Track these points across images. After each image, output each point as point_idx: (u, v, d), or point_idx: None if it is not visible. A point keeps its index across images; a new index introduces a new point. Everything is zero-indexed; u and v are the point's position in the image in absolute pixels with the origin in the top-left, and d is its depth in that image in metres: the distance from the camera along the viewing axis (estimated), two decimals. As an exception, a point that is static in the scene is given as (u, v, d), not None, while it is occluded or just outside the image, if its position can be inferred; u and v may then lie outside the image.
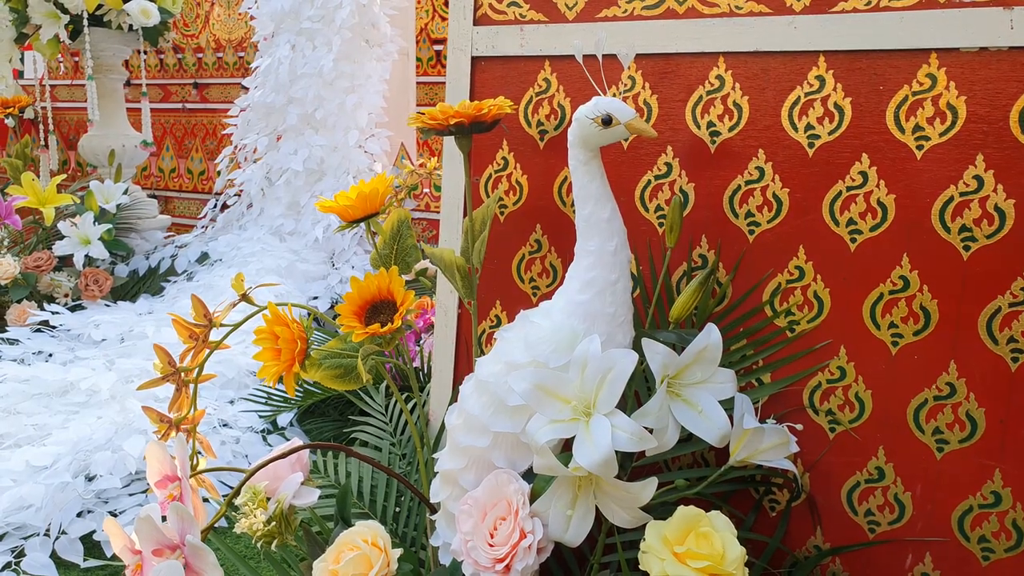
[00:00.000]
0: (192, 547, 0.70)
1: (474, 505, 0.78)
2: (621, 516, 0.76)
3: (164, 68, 5.34)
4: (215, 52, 5.09)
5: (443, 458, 0.86)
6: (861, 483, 0.91)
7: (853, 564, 0.93)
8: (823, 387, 0.92)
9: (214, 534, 1.08)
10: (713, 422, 0.77)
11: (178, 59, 5.16)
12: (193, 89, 5.13)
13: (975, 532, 0.86)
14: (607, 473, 0.69)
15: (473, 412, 0.83)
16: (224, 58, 5.16)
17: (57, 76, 5.51)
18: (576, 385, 0.72)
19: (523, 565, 0.74)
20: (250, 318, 0.93)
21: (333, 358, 0.91)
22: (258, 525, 0.85)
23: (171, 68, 5.28)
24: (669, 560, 0.68)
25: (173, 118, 4.98)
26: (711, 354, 0.78)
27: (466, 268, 0.93)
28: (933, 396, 0.87)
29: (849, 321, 0.90)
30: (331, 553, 0.83)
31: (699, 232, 0.97)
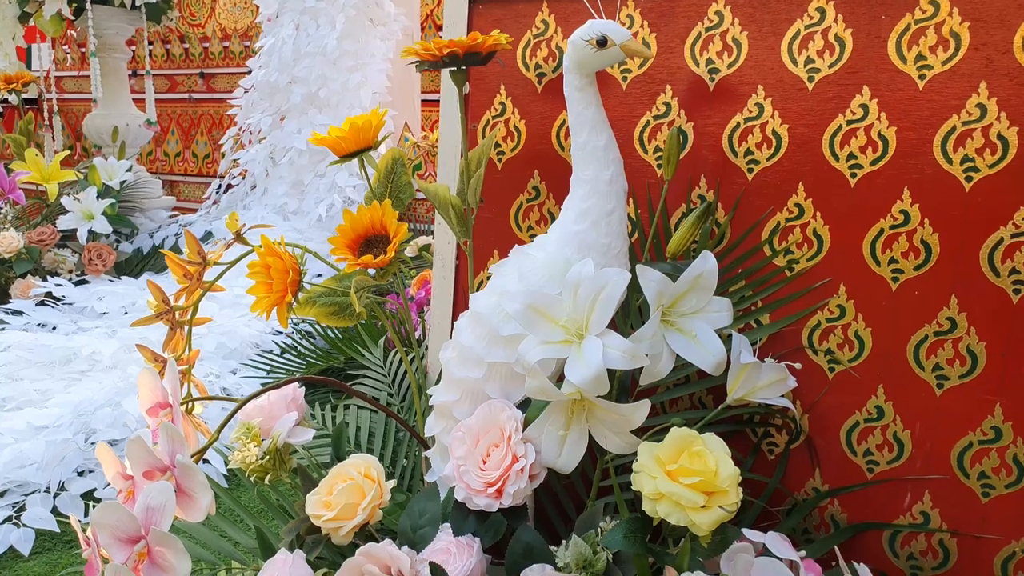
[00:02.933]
0: (182, 467, 0.70)
1: (467, 432, 0.77)
2: (614, 442, 0.75)
3: (170, 58, 5.36)
4: (221, 41, 5.10)
5: (437, 392, 0.86)
6: (860, 423, 0.90)
7: (851, 505, 0.92)
8: (822, 326, 0.91)
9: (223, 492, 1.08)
10: (708, 350, 0.76)
11: (184, 49, 5.18)
12: (199, 79, 5.14)
13: (975, 468, 0.85)
14: (598, 390, 0.68)
15: (467, 344, 0.82)
16: (230, 47, 5.17)
17: (64, 67, 5.54)
18: (568, 307, 0.72)
19: (515, 488, 0.73)
20: (245, 256, 0.92)
21: (328, 295, 0.90)
22: (251, 458, 0.84)
23: (177, 58, 5.29)
24: (661, 478, 0.67)
25: (180, 108, 5.00)
26: (707, 281, 0.77)
27: (461, 208, 0.93)
28: (933, 332, 0.86)
29: (849, 258, 0.89)
30: (324, 485, 0.83)
31: (698, 172, 0.96)
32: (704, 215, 0.87)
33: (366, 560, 0.64)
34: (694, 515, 0.66)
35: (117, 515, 0.70)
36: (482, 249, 1.11)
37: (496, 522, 0.78)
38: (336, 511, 0.78)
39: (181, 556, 0.69)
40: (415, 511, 0.69)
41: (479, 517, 0.76)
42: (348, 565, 0.65)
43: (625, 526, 0.71)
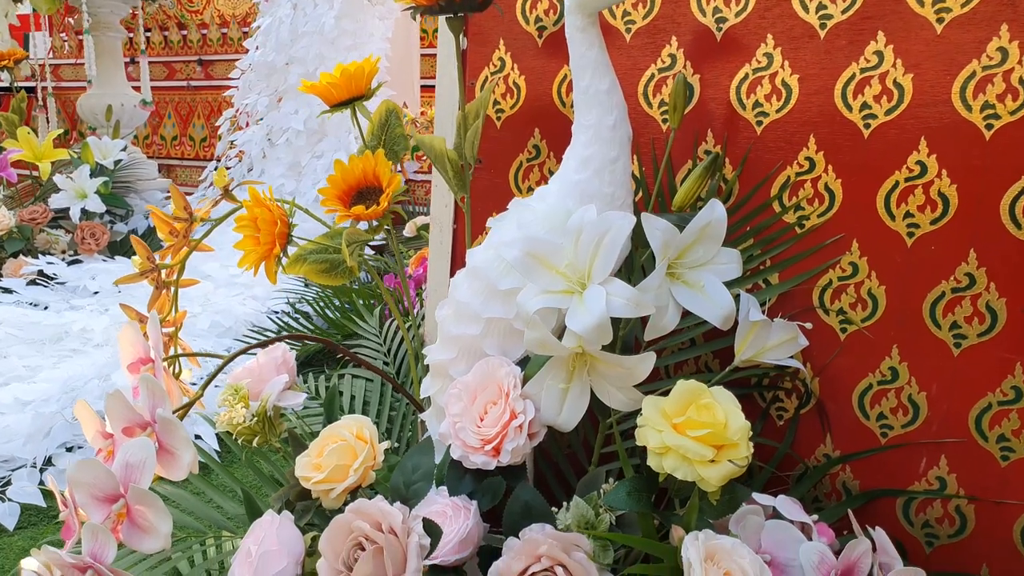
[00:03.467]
0: (163, 421, 0.66)
1: (463, 389, 0.74)
2: (617, 398, 0.71)
3: (168, 45, 5.31)
4: (219, 28, 5.06)
5: (433, 350, 0.82)
6: (873, 385, 0.87)
7: (864, 471, 0.88)
8: (834, 285, 0.88)
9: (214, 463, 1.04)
10: (716, 302, 0.73)
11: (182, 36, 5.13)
12: (198, 66, 5.09)
13: (994, 431, 0.82)
14: (600, 340, 0.65)
15: (463, 299, 0.78)
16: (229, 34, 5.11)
17: (61, 55, 5.49)
18: (570, 254, 0.68)
19: (513, 446, 0.70)
20: (233, 212, 0.89)
21: (319, 252, 0.87)
22: (238, 419, 0.81)
23: (175, 45, 5.24)
24: (667, 431, 0.63)
25: (178, 96, 4.95)
26: (715, 231, 0.74)
27: (458, 162, 0.89)
28: (951, 288, 0.82)
29: (862, 213, 0.85)
30: (314, 447, 0.79)
31: (704, 127, 0.92)
32: (711, 167, 0.84)
33: (355, 517, 0.61)
34: (702, 469, 0.62)
35: (95, 472, 0.67)
36: (480, 212, 1.07)
37: (494, 484, 0.75)
38: (326, 473, 0.75)
39: (161, 515, 0.66)
40: (408, 466, 0.66)
41: (476, 476, 0.72)
42: (336, 523, 0.61)
43: (629, 484, 0.67)
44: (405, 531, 0.59)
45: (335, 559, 0.60)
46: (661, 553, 0.62)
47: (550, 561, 0.62)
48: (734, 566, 0.60)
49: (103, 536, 0.66)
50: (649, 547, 0.61)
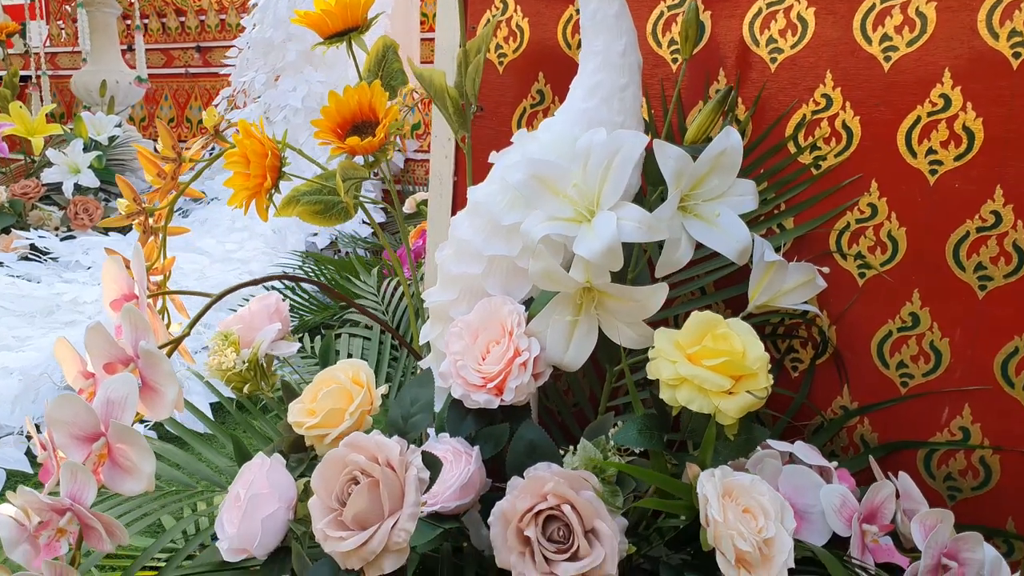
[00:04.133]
0: (146, 354, 0.63)
1: (465, 328, 0.70)
2: (627, 334, 0.67)
3: (166, 32, 5.25)
4: (218, 14, 5.00)
5: (433, 292, 0.78)
6: (893, 332, 0.83)
7: (883, 423, 0.84)
8: (852, 228, 0.84)
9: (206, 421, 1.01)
10: (732, 235, 0.69)
11: (180, 22, 5.07)
12: (196, 53, 5.04)
13: (1020, 377, 0.78)
14: (610, 265, 0.61)
15: (465, 237, 0.75)
16: (227, 20, 5.06)
17: (59, 43, 5.44)
18: (579, 179, 0.64)
19: (517, 383, 0.66)
20: (221, 154, 0.85)
21: (313, 193, 0.83)
22: (227, 363, 0.77)
23: (173, 32, 5.19)
24: (681, 362, 0.59)
25: (176, 83, 4.90)
26: (730, 159, 0.70)
27: (459, 101, 0.85)
28: (976, 228, 0.78)
29: (882, 151, 0.81)
30: (308, 392, 0.75)
31: (716, 65, 0.89)
32: (723, 103, 0.80)
33: (350, 451, 0.57)
34: (719, 401, 0.58)
35: (74, 409, 0.63)
36: (482, 162, 1.02)
37: (497, 431, 0.71)
38: (320, 417, 0.71)
39: (144, 455, 0.62)
40: (406, 399, 0.62)
41: (478, 417, 0.68)
42: (330, 457, 0.57)
43: (640, 422, 0.64)
44: (403, 464, 0.56)
45: (328, 496, 0.56)
46: (676, 490, 0.58)
47: (556, 499, 0.58)
48: (753, 503, 0.57)
49: (82, 476, 0.62)
50: (663, 482, 0.58)
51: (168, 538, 0.72)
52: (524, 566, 0.59)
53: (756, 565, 0.55)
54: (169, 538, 0.72)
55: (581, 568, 0.57)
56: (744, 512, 0.56)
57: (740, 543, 0.54)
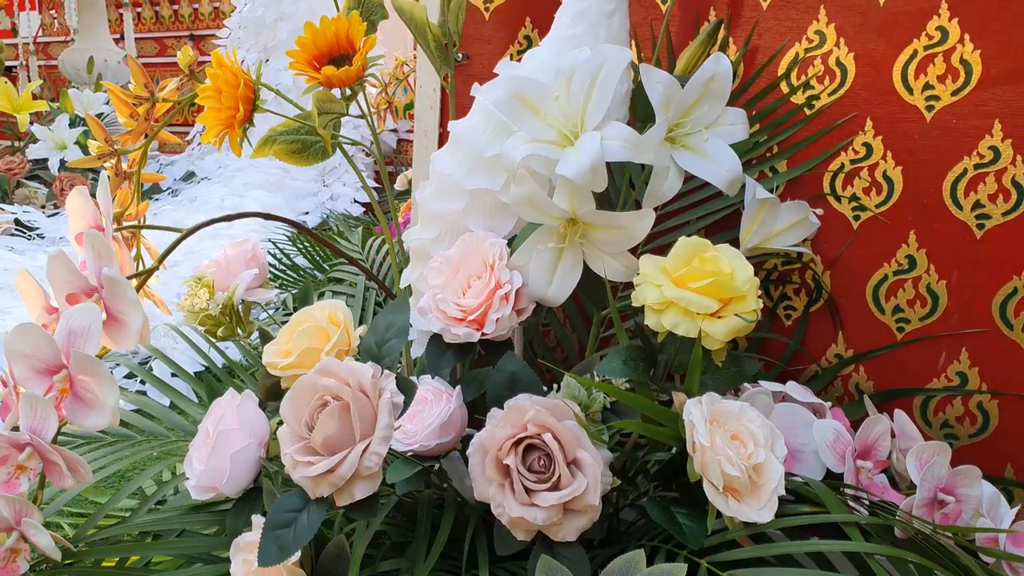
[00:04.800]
0: (110, 282, 0.60)
1: (445, 262, 0.67)
2: (612, 267, 0.65)
3: (159, 21, 5.22)
4: (211, 2, 4.96)
5: (412, 232, 0.76)
6: (889, 276, 0.81)
7: (879, 370, 0.82)
8: (846, 169, 0.81)
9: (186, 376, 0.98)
10: (721, 164, 0.66)
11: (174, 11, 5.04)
12: (189, 41, 5.00)
13: (1019, 318, 0.76)
14: (593, 184, 0.58)
15: (446, 171, 0.72)
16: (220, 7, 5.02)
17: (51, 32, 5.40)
18: (562, 100, 0.61)
19: (498, 316, 0.63)
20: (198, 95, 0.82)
21: (290, 133, 0.80)
22: (200, 304, 0.74)
23: (166, 20, 5.15)
24: (667, 285, 0.57)
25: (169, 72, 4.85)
26: (720, 86, 0.67)
27: (441, 39, 0.82)
28: (974, 165, 0.76)
29: (877, 87, 0.79)
30: (283, 334, 0.73)
31: (707, 5, 0.86)
32: (713, 35, 0.77)
33: (320, 376, 0.54)
34: (706, 324, 0.56)
35: (35, 340, 0.60)
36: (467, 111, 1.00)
37: (480, 374, 0.68)
38: (295, 357, 0.68)
39: (107, 386, 0.59)
40: (380, 326, 0.60)
41: (458, 352, 0.66)
42: (299, 383, 0.55)
43: (625, 352, 0.61)
44: (376, 388, 0.53)
45: (297, 423, 0.54)
46: (662, 417, 0.56)
47: (537, 428, 0.56)
48: (742, 429, 0.54)
49: (43, 408, 0.59)
50: (648, 408, 0.55)
51: (137, 484, 0.70)
52: (503, 497, 0.56)
53: (745, 493, 0.53)
54: (139, 484, 0.70)
55: (562, 497, 0.54)
56: (732, 439, 0.54)
57: (728, 468, 0.52)
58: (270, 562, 0.53)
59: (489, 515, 0.62)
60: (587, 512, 0.56)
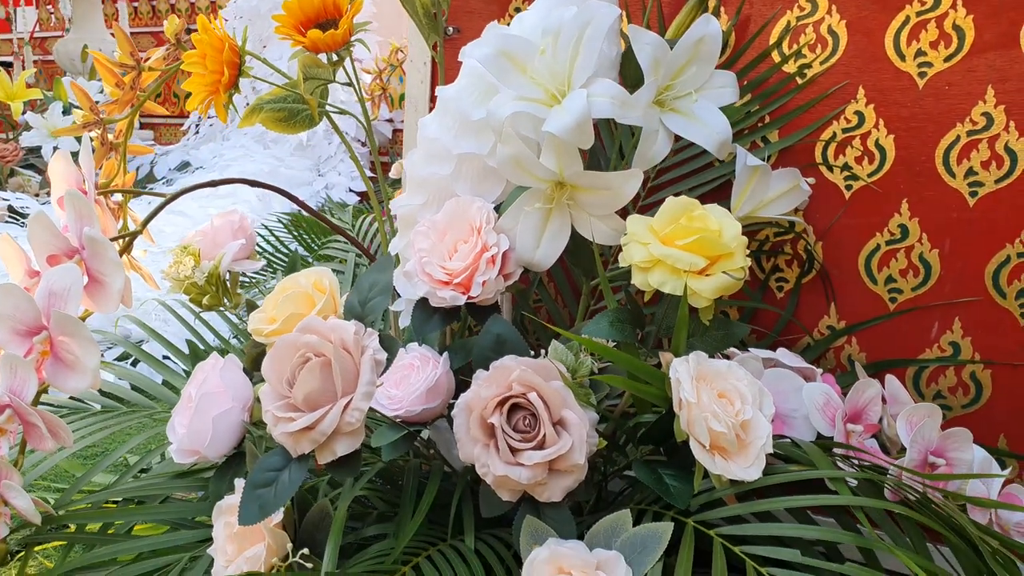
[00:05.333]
0: (90, 241, 0.59)
1: (432, 227, 0.67)
2: (600, 230, 0.64)
3: (156, 15, 5.20)
4: (208, -5, 4.94)
5: (400, 199, 0.75)
6: (881, 246, 0.80)
7: (871, 342, 0.81)
8: (838, 138, 0.81)
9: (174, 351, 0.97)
10: (711, 126, 0.66)
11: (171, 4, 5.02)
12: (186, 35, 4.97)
13: (1013, 286, 0.75)
14: (581, 141, 0.58)
15: (433, 135, 0.71)
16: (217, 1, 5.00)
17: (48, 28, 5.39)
18: (548, 58, 0.61)
19: (484, 279, 0.62)
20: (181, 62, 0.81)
21: (277, 101, 0.79)
22: (185, 271, 0.74)
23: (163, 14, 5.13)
24: (654, 243, 0.56)
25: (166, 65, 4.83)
26: (709, 48, 0.66)
27: (430, 7, 0.82)
28: (966, 131, 0.75)
29: (869, 55, 0.78)
30: (269, 301, 0.72)
31: (697, -26, 0.85)
32: (704, 1, 0.76)
33: (302, 334, 0.53)
34: (693, 281, 0.55)
35: (14, 301, 0.59)
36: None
37: (468, 343, 0.68)
38: (280, 323, 0.68)
39: (88, 347, 0.58)
40: (364, 285, 0.59)
41: (444, 317, 0.65)
42: (281, 342, 0.54)
43: (611, 315, 0.60)
44: (358, 345, 0.52)
45: (279, 381, 0.53)
46: (648, 375, 0.55)
47: (523, 388, 0.55)
48: (729, 387, 0.54)
49: (23, 369, 0.58)
50: (634, 366, 0.54)
51: (122, 452, 0.69)
52: (488, 457, 0.56)
53: (732, 450, 0.52)
54: (123, 452, 0.69)
55: (547, 455, 0.54)
56: (719, 397, 0.53)
57: (715, 424, 0.51)
58: (250, 521, 0.52)
59: (476, 483, 0.62)
60: (572, 472, 0.56)
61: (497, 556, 0.60)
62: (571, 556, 0.52)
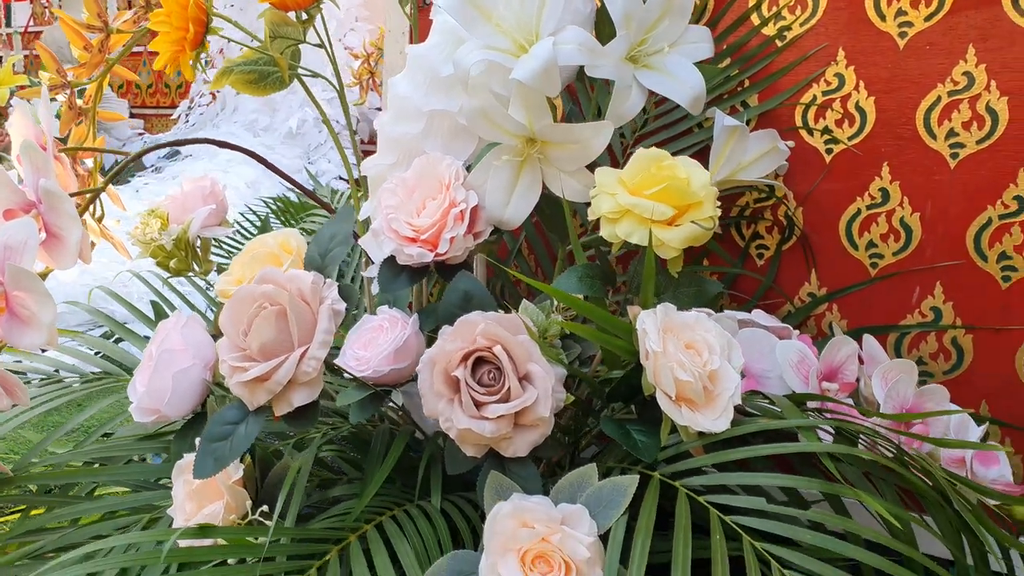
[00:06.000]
0: (47, 194, 0.58)
1: (400, 184, 0.65)
2: (571, 186, 0.63)
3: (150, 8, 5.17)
4: (201, -12, 4.91)
5: (370, 160, 0.74)
6: (862, 210, 0.79)
7: (852, 308, 0.80)
8: (818, 100, 0.79)
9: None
10: (684, 81, 0.64)
11: None
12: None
13: (994, 249, 0.74)
14: (546, 88, 0.56)
15: (403, 93, 0.70)
16: (211, -5, 4.96)
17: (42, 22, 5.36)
18: (516, 8, 0.59)
19: (452, 235, 0.61)
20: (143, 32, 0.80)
21: (247, 63, 0.78)
22: (151, 233, 0.72)
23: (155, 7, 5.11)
24: (621, 193, 0.55)
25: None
26: (682, 1, 0.65)
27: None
28: (948, 92, 0.74)
29: (849, 15, 0.77)
30: (236, 264, 0.71)
31: (676, -64, 0.84)
32: (682, -39, 0.75)
33: (260, 283, 0.52)
34: (660, 231, 0.54)
35: (-31, 255, 0.58)
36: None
37: (438, 306, 0.67)
38: (247, 284, 0.66)
39: (44, 302, 0.57)
40: (324, 236, 0.58)
41: (412, 275, 0.64)
42: (239, 293, 0.53)
43: (581, 269, 0.59)
44: (316, 294, 0.51)
45: (236, 331, 0.52)
46: (616, 327, 0.54)
47: (488, 341, 0.54)
48: (698, 338, 0.52)
49: (-24, 325, 0.57)
50: (601, 317, 0.53)
51: (82, 417, 0.68)
52: (452, 411, 0.54)
53: (699, 402, 0.51)
54: (85, 416, 0.68)
55: (511, 408, 0.52)
56: (687, 348, 0.52)
57: (680, 374, 0.50)
58: (205, 474, 0.51)
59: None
60: (538, 426, 0.54)
61: (464, 516, 0.59)
62: (535, 510, 0.51)
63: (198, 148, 2.57)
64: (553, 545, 0.49)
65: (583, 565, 0.49)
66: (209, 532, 0.48)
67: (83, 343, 0.83)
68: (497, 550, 0.50)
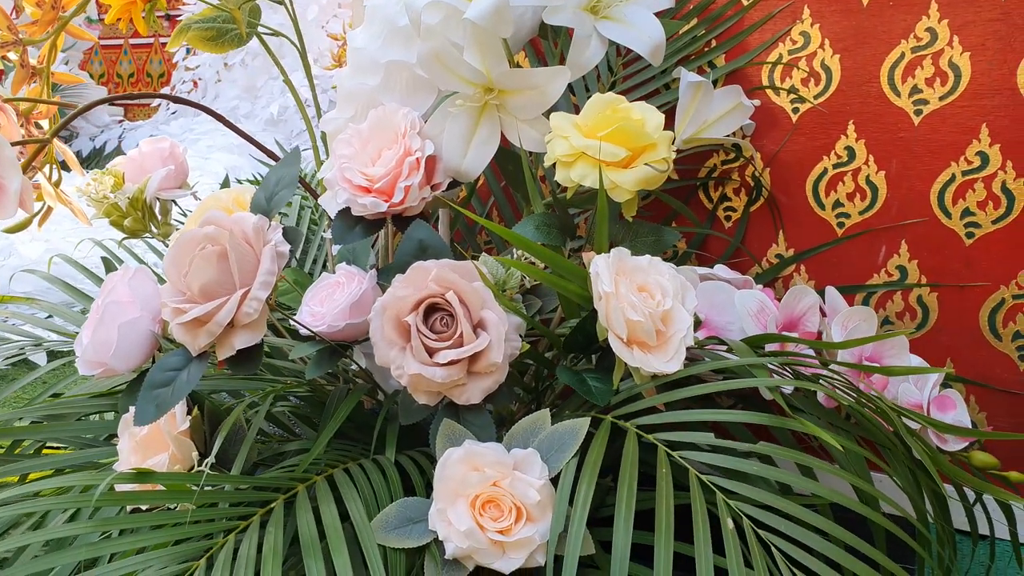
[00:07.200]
0: (-13, 140, 0.56)
1: (355, 134, 0.64)
2: (529, 135, 0.62)
3: (133, 0, 5.11)
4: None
5: (328, 114, 0.72)
6: (829, 170, 0.78)
7: (819, 269, 0.80)
8: (784, 60, 0.79)
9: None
10: (644, 31, 0.63)
11: (147, -11, 4.94)
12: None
13: (958, 206, 0.73)
14: (498, 29, 0.55)
15: (360, 45, 0.69)
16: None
17: (24, 13, 5.28)
18: (470, -48, 0.58)
19: (407, 184, 0.60)
20: None
21: (206, 21, 0.77)
22: (104, 190, 0.71)
23: (141, 0, 5.05)
24: (575, 135, 0.54)
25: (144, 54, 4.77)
26: (642, -49, 0.64)
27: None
28: (911, 48, 0.73)
29: (814, -28, 0.76)
30: (191, 220, 0.70)
31: None
32: (646, -85, 0.74)
33: (203, 225, 0.51)
34: (614, 174, 0.53)
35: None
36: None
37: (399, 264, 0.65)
38: (201, 240, 0.65)
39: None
40: (271, 180, 0.56)
41: (368, 227, 0.63)
42: (182, 237, 0.51)
43: (538, 218, 0.58)
44: (260, 236, 0.50)
45: (178, 275, 0.51)
46: (569, 272, 0.53)
47: (440, 287, 0.53)
48: (651, 281, 0.52)
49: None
50: (554, 261, 0.52)
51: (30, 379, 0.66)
52: (403, 359, 0.53)
53: (651, 343, 0.50)
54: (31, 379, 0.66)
55: (462, 352, 0.51)
56: (640, 290, 0.51)
57: (631, 314, 0.49)
58: (147, 420, 0.49)
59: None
60: (492, 373, 0.53)
61: (420, 470, 0.58)
62: (486, 454, 0.50)
63: (179, 135, 2.54)
64: (504, 489, 0.48)
65: (533, 508, 0.48)
66: (147, 478, 0.47)
67: (40, 309, 0.82)
68: (447, 496, 0.49)
